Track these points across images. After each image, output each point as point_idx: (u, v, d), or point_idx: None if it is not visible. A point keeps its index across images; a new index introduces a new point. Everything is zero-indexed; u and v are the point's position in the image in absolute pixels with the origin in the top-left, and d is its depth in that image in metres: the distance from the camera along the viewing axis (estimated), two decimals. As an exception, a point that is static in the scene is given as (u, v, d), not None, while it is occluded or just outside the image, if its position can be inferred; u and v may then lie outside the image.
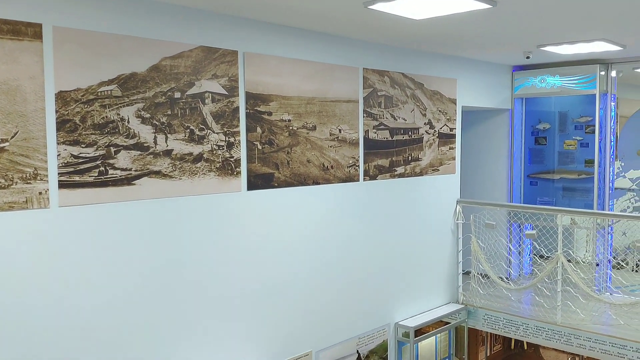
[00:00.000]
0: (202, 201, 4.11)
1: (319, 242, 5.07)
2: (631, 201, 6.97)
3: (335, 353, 5.27)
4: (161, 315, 3.95)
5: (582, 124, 7.03)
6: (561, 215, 5.92)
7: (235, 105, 4.29)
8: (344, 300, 5.37)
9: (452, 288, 6.71)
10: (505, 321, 6.19)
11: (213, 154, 4.16)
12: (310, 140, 4.87)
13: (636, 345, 5.32)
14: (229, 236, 4.32)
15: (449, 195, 6.65)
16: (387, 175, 5.75)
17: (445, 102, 6.41)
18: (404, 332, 5.92)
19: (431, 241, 6.43)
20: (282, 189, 4.67)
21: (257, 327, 4.56)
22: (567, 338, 5.75)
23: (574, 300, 5.91)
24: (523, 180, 7.55)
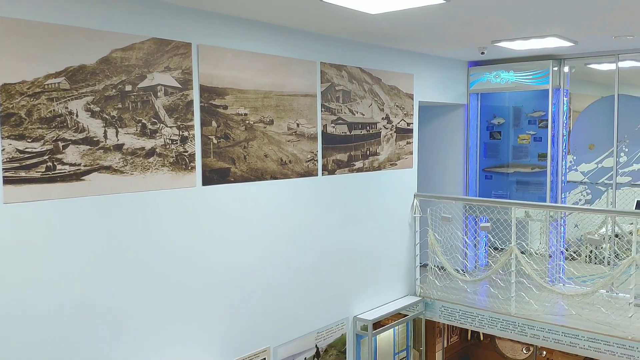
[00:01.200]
0: (155, 197, 4.02)
1: (277, 237, 5.04)
2: (583, 194, 7.15)
3: (294, 348, 5.26)
4: (113, 314, 3.85)
5: (536, 119, 7.18)
6: (515, 208, 6.04)
7: (189, 99, 4.21)
8: (302, 295, 5.35)
9: (410, 281, 6.78)
10: (462, 313, 6.29)
11: (166, 148, 4.07)
12: (267, 135, 4.82)
13: (588, 335, 5.48)
14: (184, 232, 4.24)
15: (406, 189, 6.71)
16: (345, 170, 5.76)
17: (402, 97, 6.45)
18: (363, 325, 5.95)
19: (389, 235, 6.48)
20: (239, 184, 4.61)
21: (213, 324, 4.50)
22: (521, 328, 5.88)
23: (528, 291, 6.05)
24: (478, 174, 7.68)
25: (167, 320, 4.17)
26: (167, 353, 4.17)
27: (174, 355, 4.22)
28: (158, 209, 4.06)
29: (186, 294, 4.28)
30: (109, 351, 3.83)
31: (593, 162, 6.95)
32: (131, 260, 3.93)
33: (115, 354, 3.87)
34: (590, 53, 6.66)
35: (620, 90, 6.57)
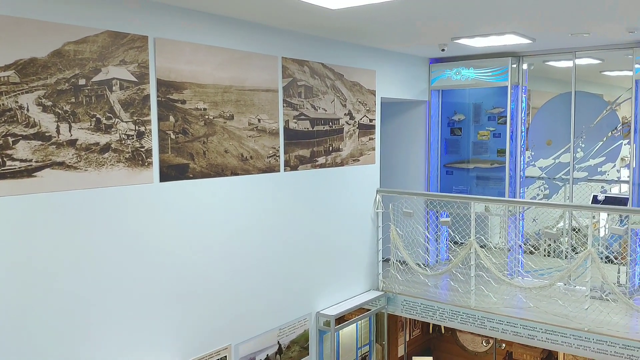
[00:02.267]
0: (110, 193, 3.93)
1: (238, 233, 4.99)
2: (541, 189, 7.31)
3: (256, 345, 5.22)
4: (66, 315, 3.75)
5: (495, 115, 7.29)
6: (474, 203, 6.12)
7: (145, 93, 4.12)
8: (264, 291, 5.32)
9: (373, 276, 6.81)
10: (423, 306, 6.36)
11: (122, 143, 3.98)
12: (227, 130, 4.76)
13: (545, 327, 5.59)
14: (141, 230, 4.16)
15: (369, 185, 6.73)
16: (308, 166, 5.74)
17: (364, 93, 6.46)
18: (325, 321, 5.95)
19: (352, 230, 6.50)
20: (198, 180, 4.55)
21: (172, 323, 4.43)
22: (480, 321, 5.97)
23: (487, 284, 6.15)
24: (440, 169, 7.76)
25: (125, 319, 4.08)
26: (125, 352, 4.08)
27: (133, 355, 4.14)
28: (114, 206, 3.97)
29: (144, 292, 4.20)
30: (63, 352, 3.73)
31: (550, 158, 7.11)
32: (85, 259, 3.83)
33: (70, 355, 3.77)
34: (548, 50, 6.79)
35: (577, 87, 6.72)
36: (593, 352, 5.36)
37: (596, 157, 6.81)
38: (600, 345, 5.29)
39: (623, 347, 5.18)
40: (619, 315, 5.51)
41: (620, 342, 5.19)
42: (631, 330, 5.31)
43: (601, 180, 7.03)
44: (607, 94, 7.35)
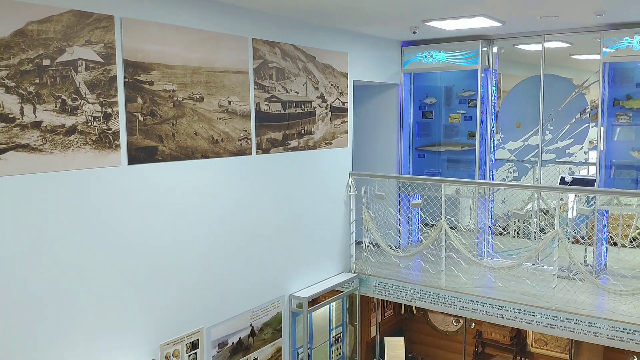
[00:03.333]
0: (77, 176, 3.86)
1: (209, 217, 4.96)
2: (510, 171, 7.41)
3: (228, 328, 5.22)
4: (37, 300, 3.68)
5: (466, 98, 7.35)
6: (444, 186, 6.19)
7: (112, 74, 4.04)
8: (237, 274, 5.31)
9: (345, 258, 6.85)
10: (395, 287, 6.42)
11: (88, 125, 3.91)
12: (197, 112, 4.71)
13: (514, 306, 5.70)
14: (110, 213, 4.10)
15: (341, 168, 6.75)
16: (280, 149, 5.72)
17: (337, 75, 6.45)
18: (298, 303, 5.98)
19: (325, 213, 6.51)
20: (168, 163, 4.49)
21: (144, 306, 4.40)
22: (451, 301, 6.06)
23: (457, 265, 6.23)
24: (411, 153, 7.80)
25: (95, 303, 4.03)
26: (97, 336, 4.05)
27: (105, 339, 4.11)
28: (81, 190, 3.90)
29: (113, 276, 4.15)
30: (35, 336, 3.67)
31: (520, 140, 7.20)
32: (54, 243, 3.77)
33: (42, 339, 3.71)
34: (517, 33, 6.85)
35: (547, 70, 6.80)
36: (560, 330, 5.49)
37: (564, 140, 6.93)
38: (568, 323, 5.42)
39: (590, 325, 5.31)
40: (586, 293, 5.64)
41: (587, 320, 5.32)
42: (597, 308, 5.45)
43: (569, 163, 7.16)
44: (576, 77, 7.47)
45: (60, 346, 3.81)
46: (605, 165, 6.41)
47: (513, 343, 7.24)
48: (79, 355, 3.92)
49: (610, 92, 6.32)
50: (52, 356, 3.77)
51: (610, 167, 6.41)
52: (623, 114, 6.28)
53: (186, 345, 4.77)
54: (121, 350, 4.22)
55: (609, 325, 5.22)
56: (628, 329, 5.12)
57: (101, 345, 4.07)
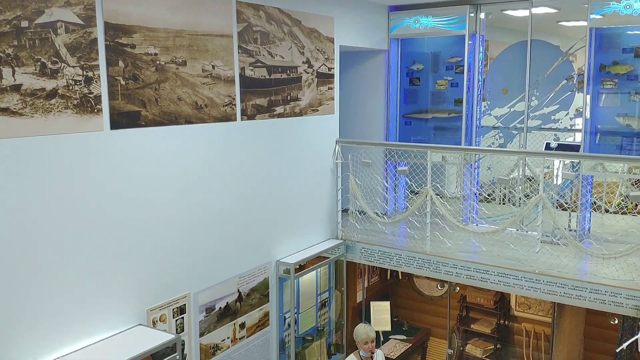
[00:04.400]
0: (59, 141, 3.80)
1: (195, 183, 4.93)
2: (496, 137, 7.42)
3: (215, 293, 5.25)
4: (22, 267, 3.66)
5: (453, 64, 7.31)
6: (430, 152, 6.19)
7: (92, 37, 3.96)
8: (223, 241, 5.31)
9: (332, 225, 6.88)
10: (381, 253, 6.48)
11: (69, 89, 3.84)
12: (180, 77, 4.64)
13: (497, 270, 5.78)
14: (93, 178, 4.05)
15: (328, 135, 6.72)
16: (266, 115, 5.67)
17: (323, 40, 6.37)
18: (285, 269, 6.01)
19: (311, 181, 6.51)
20: (151, 129, 4.44)
21: (130, 272, 4.39)
22: (435, 266, 6.13)
23: (442, 231, 6.29)
24: (398, 120, 7.79)
25: (80, 269, 4.02)
26: (84, 302, 4.04)
27: (90, 304, 4.11)
28: (64, 154, 3.85)
29: (97, 241, 4.13)
30: (21, 302, 3.66)
31: (506, 107, 7.20)
32: (36, 209, 3.73)
33: (28, 305, 3.70)
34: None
35: (534, 36, 6.77)
36: (543, 294, 5.58)
37: (550, 106, 6.93)
38: (551, 287, 5.50)
39: (572, 288, 5.40)
40: (569, 257, 5.72)
41: (570, 284, 5.40)
42: (580, 272, 5.53)
43: (554, 129, 7.18)
44: (564, 44, 7.43)
45: (46, 313, 3.81)
46: (590, 132, 6.45)
47: (497, 307, 7.37)
48: (64, 321, 3.92)
49: (597, 57, 6.32)
50: (36, 324, 3.77)
51: (596, 133, 6.44)
52: (609, 80, 6.28)
53: (173, 310, 4.79)
54: (107, 316, 4.23)
55: (592, 288, 5.31)
56: (610, 291, 5.21)
57: (87, 311, 4.07)
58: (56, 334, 3.87)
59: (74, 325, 3.99)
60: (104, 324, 4.20)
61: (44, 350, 3.80)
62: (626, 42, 6.16)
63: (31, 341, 3.73)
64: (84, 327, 4.05)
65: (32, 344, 3.73)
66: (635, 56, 6.11)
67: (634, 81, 6.16)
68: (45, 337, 3.81)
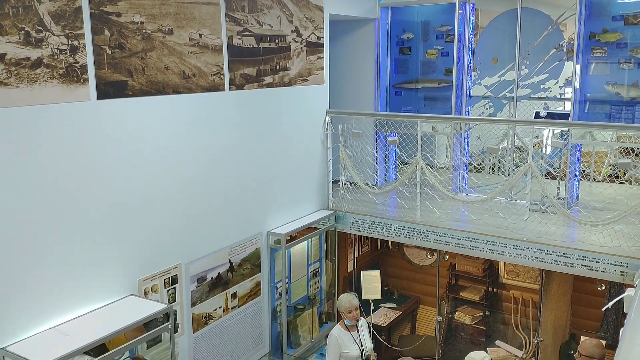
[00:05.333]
0: (45, 111, 3.76)
1: (184, 153, 4.90)
2: (486, 107, 7.42)
3: (207, 263, 5.28)
4: (10, 241, 3.65)
5: (443, 33, 7.25)
6: (421, 122, 6.19)
7: (77, 5, 3.88)
8: (214, 211, 5.31)
9: (323, 196, 6.90)
10: (371, 223, 6.52)
11: (54, 59, 3.78)
12: (167, 45, 4.58)
13: (486, 238, 5.83)
14: (81, 148, 4.01)
15: (318, 105, 6.69)
16: (254, 85, 5.63)
17: (312, 9, 6.29)
18: (276, 239, 6.04)
19: (301, 152, 6.50)
20: (138, 98, 4.39)
21: (119, 244, 4.39)
22: (425, 235, 6.18)
23: (432, 200, 6.31)
24: (389, 90, 7.75)
25: (69, 241, 4.01)
26: (75, 274, 4.04)
27: (84, 276, 4.11)
28: (50, 124, 3.81)
29: (87, 212, 4.11)
30: (13, 273, 3.66)
31: (496, 76, 7.18)
32: (25, 181, 3.70)
33: (20, 276, 3.70)
34: (496, -34, 6.72)
35: (524, 4, 6.71)
36: (531, 261, 5.65)
37: (540, 74, 6.92)
38: (539, 254, 5.57)
39: (560, 255, 5.46)
40: (557, 225, 5.76)
41: (558, 251, 5.46)
42: (568, 239, 5.59)
43: (544, 99, 7.19)
44: (554, 13, 7.39)
45: (38, 283, 3.81)
46: (579, 100, 6.45)
47: (485, 275, 7.47)
48: (56, 292, 3.93)
49: (587, 25, 6.28)
50: (29, 294, 3.77)
51: (585, 102, 6.45)
52: (599, 48, 6.27)
53: (164, 280, 4.82)
54: (99, 286, 4.24)
55: (579, 255, 5.37)
56: (597, 258, 5.28)
57: (78, 281, 4.08)
58: (49, 304, 3.89)
59: (66, 295, 3.99)
60: (96, 294, 4.21)
61: (37, 320, 3.82)
62: (616, 10, 6.13)
63: (24, 311, 3.74)
64: (76, 297, 4.06)
65: (25, 314, 3.75)
66: (625, 24, 6.09)
67: (624, 49, 6.15)
68: (38, 307, 3.82)
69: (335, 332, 5.47)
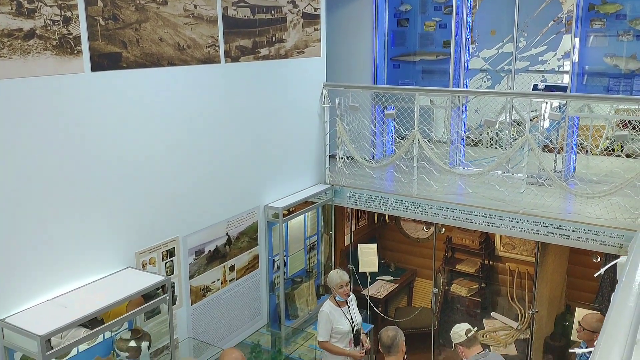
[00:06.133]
0: (39, 83, 3.72)
1: (180, 126, 4.88)
2: (484, 80, 7.38)
3: (204, 237, 5.29)
4: (9, 216, 3.63)
5: (441, 5, 7.17)
6: (418, 95, 6.15)
7: (69, -26, 3.83)
8: (212, 185, 5.30)
9: (320, 170, 6.89)
10: (368, 197, 6.53)
11: (47, 30, 3.73)
12: (161, 16, 4.52)
13: (482, 211, 5.85)
14: (76, 121, 3.98)
15: (315, 78, 6.64)
16: (250, 57, 5.57)
17: (308, -20, 6.21)
18: (274, 213, 6.05)
19: (298, 125, 6.47)
20: (133, 70, 4.35)
21: (117, 216, 4.38)
22: (422, 208, 6.19)
23: (429, 174, 6.31)
24: (386, 63, 7.69)
25: (66, 214, 4.01)
26: (73, 246, 4.05)
27: (82, 249, 4.12)
28: (44, 97, 3.77)
29: (83, 185, 4.10)
30: (10, 245, 3.66)
31: (494, 48, 7.12)
32: (19, 152, 3.68)
33: (18, 248, 3.70)
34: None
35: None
36: (527, 233, 5.68)
37: (538, 47, 6.87)
38: (535, 226, 5.59)
39: (556, 227, 5.49)
40: (553, 197, 5.79)
41: (554, 223, 5.48)
42: (564, 211, 5.61)
43: (542, 71, 7.14)
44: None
45: (36, 255, 3.82)
46: (577, 73, 6.42)
47: (482, 248, 7.51)
48: (54, 264, 3.94)
49: (587, -4, 6.22)
50: (27, 267, 3.79)
51: (583, 74, 6.42)
52: (598, 20, 6.21)
53: (162, 253, 4.83)
54: (96, 259, 4.25)
55: (575, 227, 5.40)
56: (593, 230, 5.31)
57: (75, 255, 4.09)
58: (47, 276, 3.90)
59: (64, 268, 4.01)
60: (94, 266, 4.23)
61: (35, 293, 3.83)
62: (616, -20, 6.06)
63: (23, 284, 3.76)
64: (74, 269, 4.08)
65: (23, 287, 3.76)
66: (625, -6, 6.03)
67: (623, 21, 6.09)
68: (37, 280, 3.84)
69: (326, 309, 5.51)
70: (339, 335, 5.50)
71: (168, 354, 4.58)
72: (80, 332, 3.72)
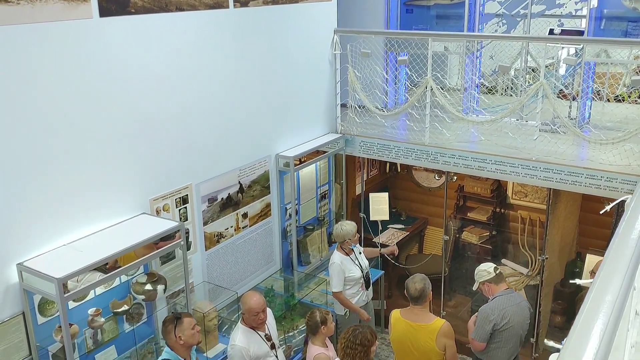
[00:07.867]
0: (47, 29, 3.70)
1: (189, 73, 4.85)
2: (499, 24, 7.21)
3: (216, 184, 5.34)
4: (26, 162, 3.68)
5: (456, -54, 6.96)
6: (432, 40, 6.03)
7: None
8: (223, 133, 5.31)
9: (331, 119, 6.85)
10: (380, 146, 6.50)
11: (53, -27, 3.69)
12: (168, -39, 4.44)
13: (495, 159, 5.82)
14: (85, 68, 3.98)
15: (325, 24, 6.53)
16: (259, 2, 5.48)
17: None
18: (285, 162, 6.06)
19: (309, 73, 6.40)
20: (141, 16, 4.30)
21: (130, 164, 4.43)
22: (434, 157, 6.18)
23: (442, 122, 6.25)
24: (399, 8, 7.51)
25: (80, 160, 4.05)
26: (88, 192, 4.12)
27: (97, 195, 4.19)
28: (52, 43, 3.76)
29: (94, 132, 4.12)
30: (27, 192, 3.72)
31: (510, -10, 6.93)
32: (28, 99, 3.69)
33: (35, 197, 3.77)
34: None
35: None
36: (540, 180, 5.66)
37: (556, -12, 6.67)
38: (547, 173, 5.57)
39: (568, 174, 5.46)
40: (567, 144, 5.72)
41: (566, 170, 5.45)
42: (577, 158, 5.56)
43: (558, 16, 6.95)
44: None
45: (52, 201, 3.89)
46: (595, 17, 6.24)
47: (494, 196, 7.50)
48: (68, 211, 4.01)
49: None
50: (43, 212, 3.86)
51: (601, 19, 6.24)
52: (619, -41, 6.00)
53: (176, 200, 4.90)
54: (111, 205, 4.32)
55: (588, 173, 5.37)
56: (606, 176, 5.28)
57: (91, 200, 4.16)
58: (63, 221, 3.98)
59: (79, 213, 4.09)
60: (108, 212, 4.30)
61: (51, 237, 3.93)
62: None
63: (39, 228, 3.84)
64: (89, 215, 4.16)
65: (40, 231, 3.85)
66: None
67: (645, -40, 5.87)
68: (53, 225, 3.92)
69: (337, 259, 5.60)
70: (352, 282, 5.63)
71: (184, 297, 4.70)
72: (96, 276, 3.82)
